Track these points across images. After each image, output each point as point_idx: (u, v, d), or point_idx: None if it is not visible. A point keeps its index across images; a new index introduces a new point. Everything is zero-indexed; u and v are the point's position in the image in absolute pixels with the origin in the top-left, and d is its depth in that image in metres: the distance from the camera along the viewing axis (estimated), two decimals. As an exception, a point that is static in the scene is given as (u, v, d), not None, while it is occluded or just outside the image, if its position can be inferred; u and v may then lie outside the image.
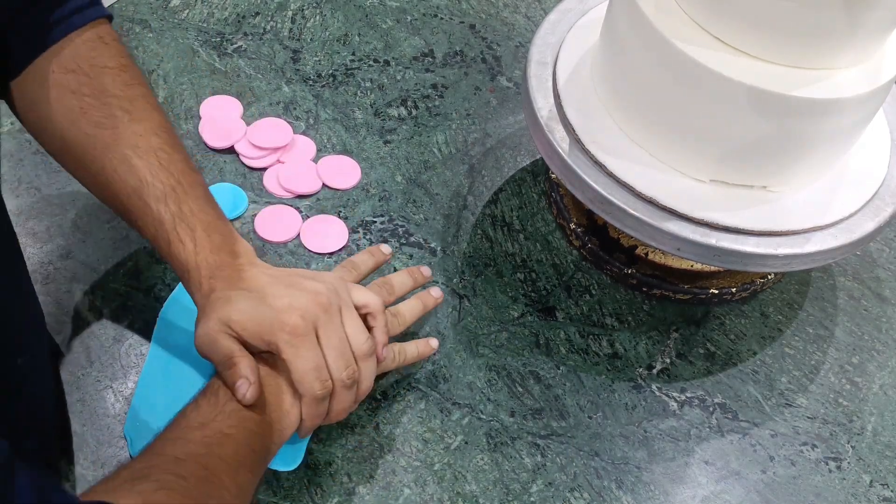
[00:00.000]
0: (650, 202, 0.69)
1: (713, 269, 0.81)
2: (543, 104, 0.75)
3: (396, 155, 0.90)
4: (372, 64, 0.98)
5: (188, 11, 1.00)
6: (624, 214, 0.69)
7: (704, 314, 0.82)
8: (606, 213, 0.71)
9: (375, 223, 0.84)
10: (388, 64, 0.99)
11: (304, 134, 0.91)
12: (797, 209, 0.71)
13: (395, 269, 0.81)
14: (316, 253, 0.81)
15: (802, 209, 0.71)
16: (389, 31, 1.02)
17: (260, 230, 0.82)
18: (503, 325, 0.79)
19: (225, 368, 0.60)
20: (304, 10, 1.03)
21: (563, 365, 0.77)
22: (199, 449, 0.55)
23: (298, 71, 0.96)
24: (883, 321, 0.83)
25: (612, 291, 0.82)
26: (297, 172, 0.86)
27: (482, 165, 0.90)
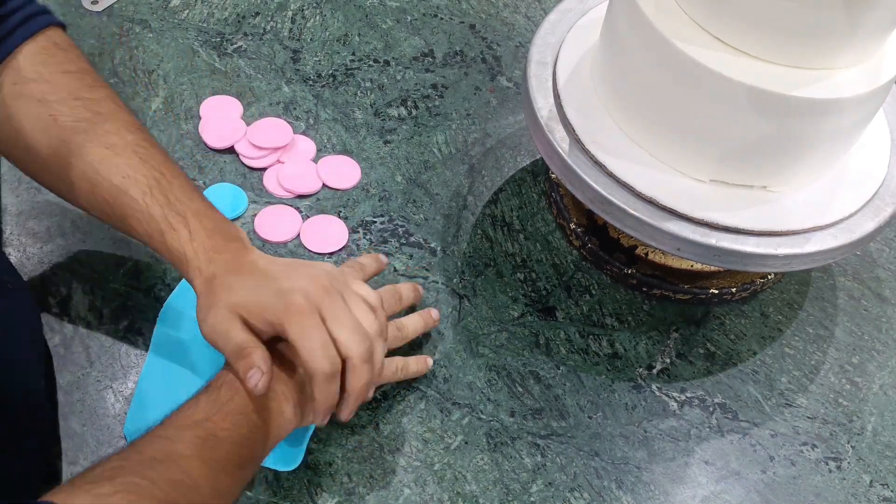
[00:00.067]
0: (650, 202, 0.69)
1: (713, 269, 0.81)
2: (543, 104, 0.75)
3: (396, 155, 0.90)
4: (372, 64, 0.98)
5: (188, 11, 1.01)
6: (624, 214, 0.69)
7: (704, 314, 0.82)
8: (606, 213, 0.71)
9: (375, 223, 0.84)
10: (388, 64, 0.99)
11: (304, 134, 0.91)
12: (797, 209, 0.71)
13: (394, 269, 0.81)
14: (316, 253, 0.81)
15: (802, 209, 0.71)
16: (389, 31, 1.02)
17: (260, 230, 0.82)
18: (503, 325, 0.79)
19: (238, 358, 0.59)
20: (304, 10, 1.03)
21: (563, 365, 0.77)
22: (184, 450, 0.55)
23: (298, 71, 0.96)
24: (883, 321, 0.83)
25: (612, 291, 0.82)
26: (297, 172, 0.86)
27: (482, 165, 0.90)
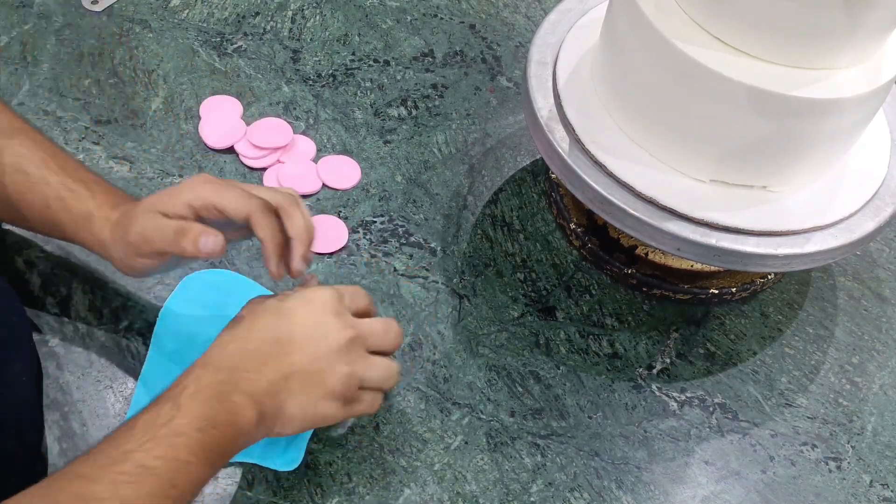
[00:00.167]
0: (650, 202, 0.69)
1: (713, 269, 0.81)
2: (543, 104, 0.75)
3: (396, 155, 0.90)
4: (372, 64, 0.98)
5: (188, 11, 1.01)
6: (624, 214, 0.69)
7: (704, 314, 0.82)
8: (606, 213, 0.71)
9: (375, 223, 0.84)
10: (388, 64, 0.99)
11: (304, 134, 0.91)
12: (797, 209, 0.71)
13: (394, 269, 0.81)
14: (316, 253, 0.81)
15: (802, 209, 0.71)
16: (389, 31, 1.02)
17: (260, 230, 0.82)
18: (503, 325, 0.79)
19: (182, 236, 0.60)
20: (304, 10, 1.03)
21: (563, 365, 0.77)
22: (102, 491, 0.49)
23: (298, 71, 0.96)
24: (883, 321, 0.83)
25: (612, 291, 0.82)
26: (297, 172, 0.86)
27: (482, 165, 0.90)
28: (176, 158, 0.86)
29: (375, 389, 0.63)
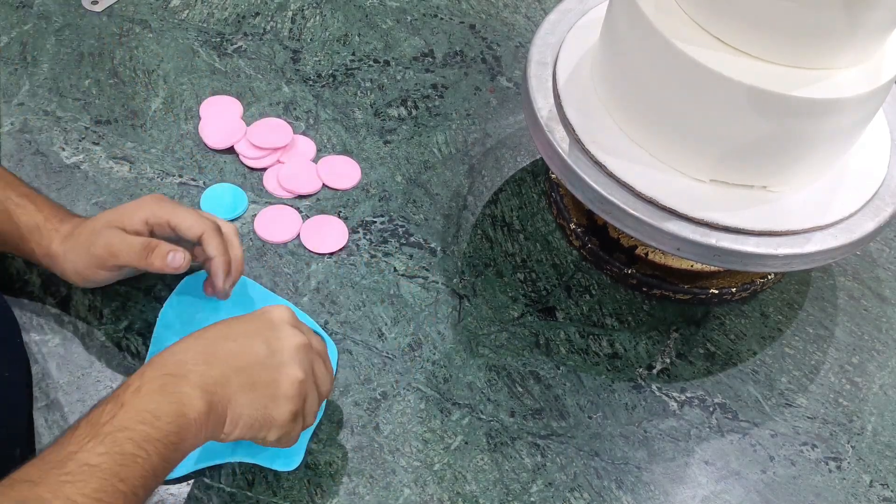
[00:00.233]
0: (650, 202, 0.69)
1: (713, 269, 0.81)
2: (543, 104, 0.75)
3: (396, 155, 0.90)
4: (372, 64, 0.98)
5: (188, 11, 1.01)
6: (624, 214, 0.69)
7: (704, 314, 0.82)
8: (606, 213, 0.71)
9: (375, 223, 0.84)
10: (388, 64, 0.99)
11: (304, 134, 0.91)
12: (797, 209, 0.71)
13: (395, 269, 0.81)
14: (316, 253, 0.81)
15: (802, 209, 0.71)
16: (389, 31, 1.02)
17: (260, 230, 0.82)
18: (503, 325, 0.79)
19: (149, 252, 0.66)
20: (304, 10, 1.03)
21: (563, 365, 0.77)
22: (44, 493, 0.48)
23: (298, 71, 0.96)
24: (883, 321, 0.83)
25: (612, 291, 0.82)
26: (297, 172, 0.86)
27: (482, 165, 0.90)
28: (176, 158, 0.86)
29: (304, 418, 0.62)
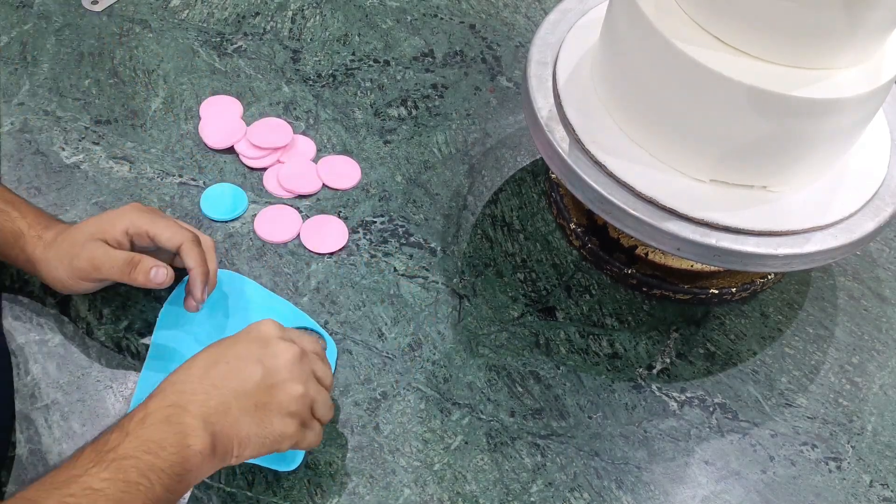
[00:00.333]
0: (650, 202, 0.69)
1: (713, 269, 0.81)
2: (543, 104, 0.75)
3: (396, 155, 0.90)
4: (372, 64, 0.98)
5: (188, 11, 1.01)
6: (624, 214, 0.69)
7: (704, 314, 0.82)
8: (606, 213, 0.71)
9: (375, 223, 0.84)
10: (388, 64, 0.99)
11: (304, 134, 0.91)
12: (797, 209, 0.71)
13: (394, 269, 0.81)
14: (316, 253, 0.81)
15: (802, 209, 0.71)
16: (389, 31, 1.02)
17: (260, 230, 0.82)
18: (503, 325, 0.79)
19: (132, 268, 0.66)
20: (304, 10, 1.03)
21: (563, 365, 0.77)
22: None
23: (298, 71, 0.96)
24: (883, 321, 0.83)
25: (612, 291, 0.82)
26: (297, 172, 0.86)
27: (482, 165, 0.90)
28: (176, 158, 0.86)
29: (320, 420, 0.63)
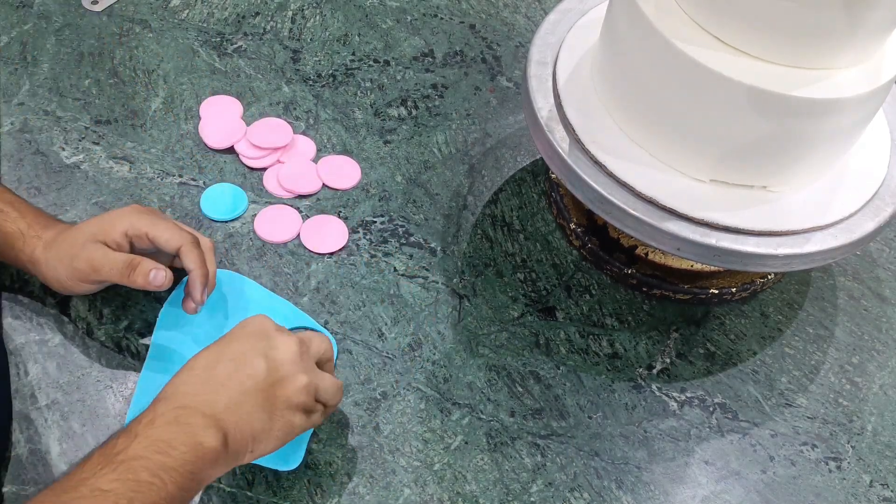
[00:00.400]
0: (650, 202, 0.69)
1: (713, 269, 0.81)
2: (543, 104, 0.75)
3: (396, 155, 0.90)
4: (372, 64, 0.98)
5: (188, 11, 1.01)
6: (624, 214, 0.69)
7: (704, 314, 0.82)
8: (606, 213, 0.71)
9: (375, 223, 0.84)
10: (388, 64, 0.99)
11: (304, 134, 0.91)
12: (797, 209, 0.71)
13: (395, 269, 0.81)
14: (316, 253, 0.81)
15: (802, 209, 0.71)
16: (389, 31, 1.02)
17: (260, 230, 0.82)
18: (503, 325, 0.79)
19: (131, 270, 0.66)
20: (304, 10, 1.03)
21: (563, 365, 0.77)
22: None
23: (298, 71, 0.96)
24: (883, 321, 0.83)
25: (612, 291, 0.82)
26: (297, 172, 0.86)
27: (482, 165, 0.90)
28: (176, 158, 0.86)
29: (325, 403, 0.63)
